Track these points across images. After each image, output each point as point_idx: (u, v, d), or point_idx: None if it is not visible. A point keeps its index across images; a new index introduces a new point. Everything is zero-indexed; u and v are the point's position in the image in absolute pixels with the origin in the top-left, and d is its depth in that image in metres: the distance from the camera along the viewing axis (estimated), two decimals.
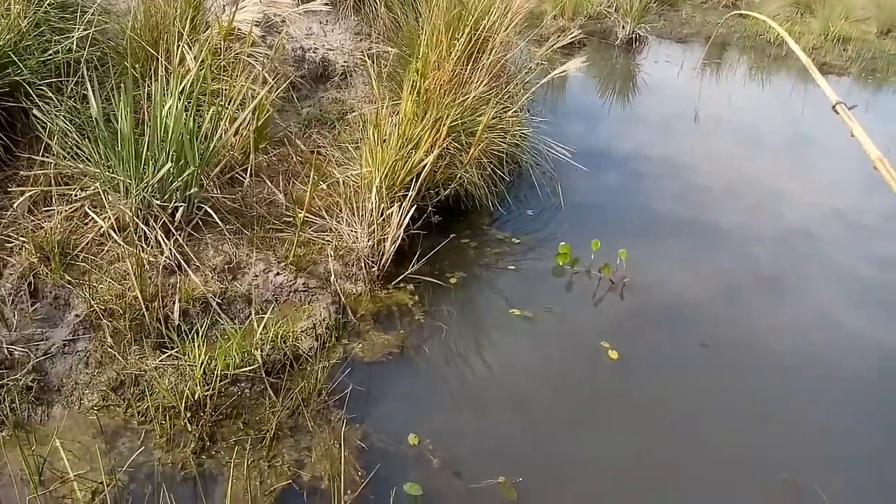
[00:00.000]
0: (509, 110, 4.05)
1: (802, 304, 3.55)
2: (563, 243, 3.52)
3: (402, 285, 3.13)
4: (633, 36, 7.58)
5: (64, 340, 2.35)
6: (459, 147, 3.71)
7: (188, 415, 2.20)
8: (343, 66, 4.30)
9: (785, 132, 5.79)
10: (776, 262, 3.89)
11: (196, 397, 2.24)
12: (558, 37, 4.73)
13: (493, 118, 3.80)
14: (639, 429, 2.63)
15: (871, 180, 5.21)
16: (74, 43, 3.09)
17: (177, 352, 2.36)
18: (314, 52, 4.28)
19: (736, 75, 7.53)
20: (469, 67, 3.84)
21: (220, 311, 2.60)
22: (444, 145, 3.52)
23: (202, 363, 2.29)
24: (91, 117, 2.77)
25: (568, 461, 2.43)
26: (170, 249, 2.68)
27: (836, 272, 3.87)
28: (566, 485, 2.34)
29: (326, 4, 3.55)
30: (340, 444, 2.25)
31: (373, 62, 4.08)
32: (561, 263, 3.50)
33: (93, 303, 2.41)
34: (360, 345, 2.76)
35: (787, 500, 2.37)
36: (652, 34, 8.03)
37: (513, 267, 3.52)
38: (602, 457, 2.48)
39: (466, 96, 3.71)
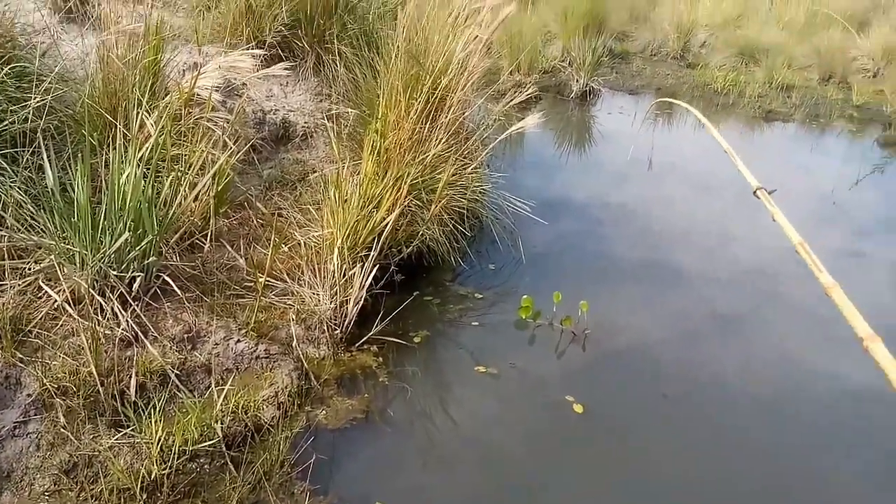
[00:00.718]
0: (469, 167, 4.13)
1: (760, 345, 3.61)
2: (525, 297, 3.56)
3: (365, 347, 3.12)
4: (587, 89, 7.82)
5: (14, 422, 2.27)
6: (420, 204, 3.76)
7: (144, 496, 2.14)
8: (304, 126, 4.35)
9: (734, 178, 5.99)
10: (732, 304, 3.98)
11: (152, 477, 2.17)
12: (515, 92, 4.85)
13: (453, 175, 3.87)
14: (605, 482, 2.63)
15: (820, 221, 5.43)
16: (31, 112, 3.07)
17: (133, 429, 2.30)
18: (274, 114, 4.32)
19: (686, 124, 7.80)
20: (428, 126, 3.92)
21: (178, 384, 2.55)
22: (406, 203, 3.57)
23: (159, 440, 2.24)
24: (47, 187, 2.74)
25: None
26: (126, 321, 2.63)
27: (792, 310, 3.96)
28: None
29: (286, 69, 3.60)
30: None
31: (333, 123, 4.14)
32: (524, 317, 3.53)
33: (45, 381, 2.35)
34: (324, 411, 2.72)
35: None
36: (605, 87, 8.29)
37: (476, 323, 3.54)
38: None
39: (426, 154, 3.78)
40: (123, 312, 2.64)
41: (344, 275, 3.15)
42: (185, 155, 3.27)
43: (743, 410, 3.09)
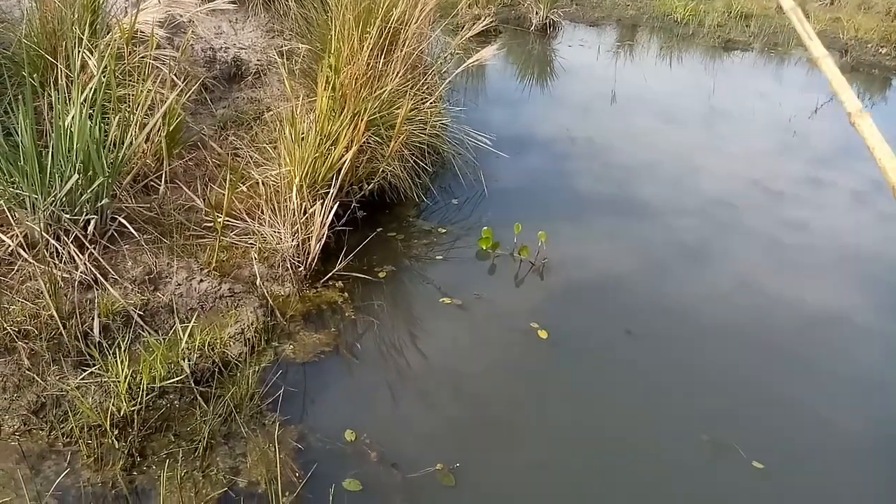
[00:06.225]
0: (427, 101, 4.08)
1: (721, 273, 3.71)
2: (485, 228, 3.59)
3: (330, 283, 3.13)
4: (547, 21, 7.72)
5: None
6: (380, 141, 3.72)
7: (115, 432, 2.16)
8: (256, 64, 4.23)
9: (697, 108, 6.04)
10: (696, 234, 4.07)
11: (122, 413, 2.19)
12: (473, 24, 4.76)
13: (412, 110, 3.82)
14: (570, 403, 2.72)
15: (781, 150, 5.51)
16: None
17: (98, 368, 2.30)
18: (225, 52, 4.19)
19: (648, 55, 7.78)
20: (383, 60, 3.85)
21: (142, 324, 2.54)
22: (364, 140, 3.53)
23: (126, 378, 2.24)
24: None
25: (504, 442, 2.50)
26: (84, 264, 2.60)
27: (754, 240, 4.06)
28: (503, 465, 2.41)
29: (233, 3, 3.47)
30: (275, 446, 2.25)
31: (286, 59, 4.03)
32: (484, 248, 3.57)
33: (5, 325, 2.32)
34: (291, 346, 2.75)
35: (709, 457, 2.52)
36: (565, 19, 8.19)
37: (440, 256, 3.57)
38: (536, 433, 2.56)
39: (383, 90, 3.72)
40: (80, 255, 2.60)
41: (304, 212, 3.13)
42: (132, 95, 3.17)
43: (703, 338, 3.18)
